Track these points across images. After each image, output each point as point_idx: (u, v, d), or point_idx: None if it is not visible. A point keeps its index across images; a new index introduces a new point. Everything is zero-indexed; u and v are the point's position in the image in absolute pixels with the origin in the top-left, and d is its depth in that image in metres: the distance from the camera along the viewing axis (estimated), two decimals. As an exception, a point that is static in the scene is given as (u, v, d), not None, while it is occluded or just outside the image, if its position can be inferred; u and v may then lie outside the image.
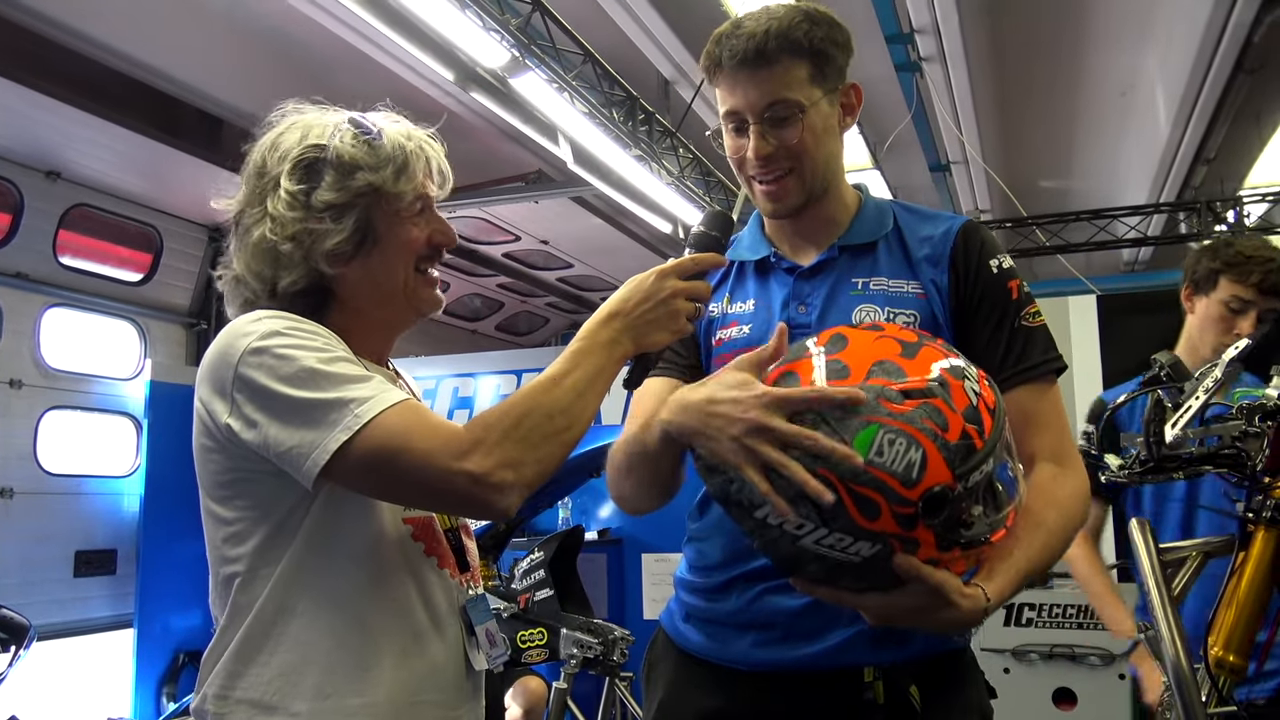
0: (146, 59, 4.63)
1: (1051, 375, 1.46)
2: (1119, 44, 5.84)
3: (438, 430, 1.16)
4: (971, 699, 1.45)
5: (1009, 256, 1.50)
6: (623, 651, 3.58)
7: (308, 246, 1.28)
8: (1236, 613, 1.84)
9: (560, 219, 6.66)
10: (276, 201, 1.28)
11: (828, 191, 1.50)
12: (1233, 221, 6.75)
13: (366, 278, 1.33)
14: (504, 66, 3.73)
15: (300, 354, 1.18)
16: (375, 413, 1.14)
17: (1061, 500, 1.39)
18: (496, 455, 1.14)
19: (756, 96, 1.42)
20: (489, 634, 1.38)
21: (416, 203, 1.35)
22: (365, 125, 1.33)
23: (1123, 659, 3.74)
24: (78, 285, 5.40)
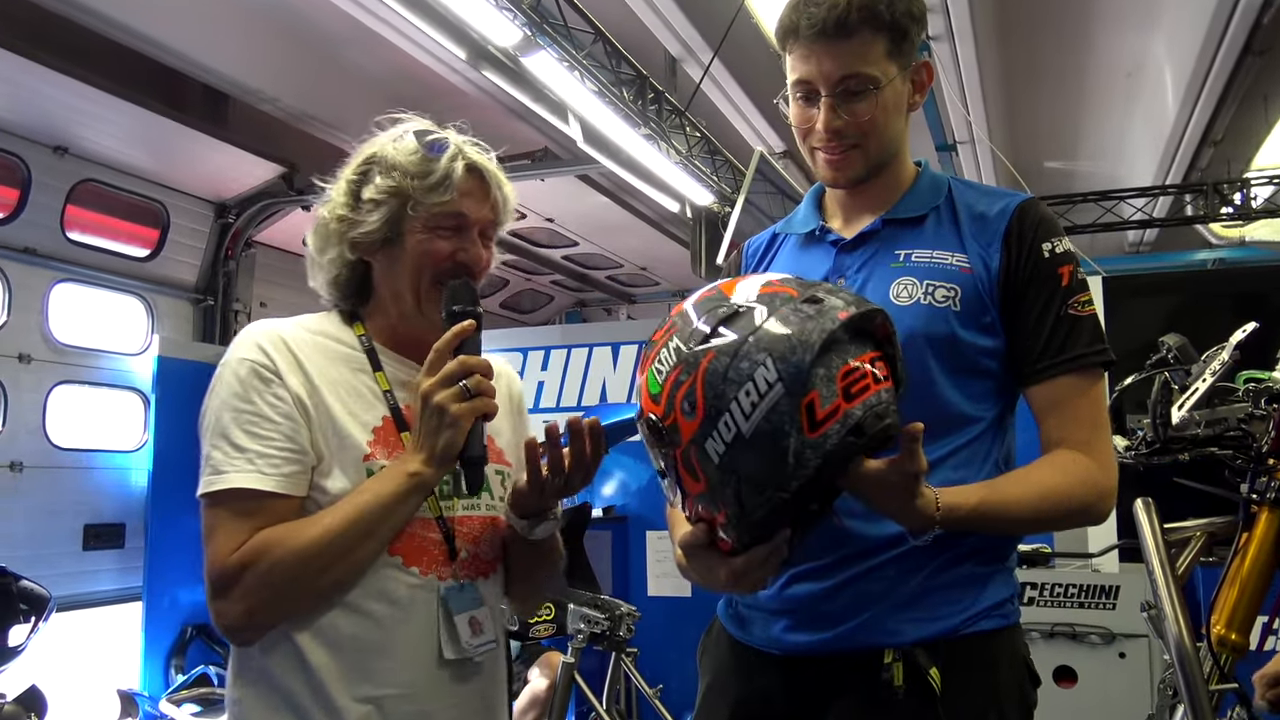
0: (154, 34, 4.62)
1: (1095, 369, 1.39)
2: (1127, 24, 5.82)
3: (221, 547, 1.28)
4: (1001, 683, 1.38)
5: (1067, 240, 1.43)
6: (629, 627, 3.62)
7: (344, 230, 1.43)
8: (1239, 592, 1.88)
9: (566, 197, 6.66)
10: (338, 189, 1.45)
11: (888, 166, 1.48)
12: (1239, 203, 6.75)
13: (387, 271, 1.44)
14: (516, 45, 3.73)
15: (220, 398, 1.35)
16: (219, 488, 1.30)
17: (1068, 469, 1.35)
18: (242, 604, 1.28)
19: (832, 68, 1.38)
20: (473, 622, 1.39)
21: (450, 219, 1.41)
22: (428, 138, 1.43)
23: (1123, 638, 3.78)
24: (85, 260, 5.40)
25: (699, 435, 1.15)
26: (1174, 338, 2.06)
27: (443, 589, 1.39)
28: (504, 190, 1.48)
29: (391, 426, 1.40)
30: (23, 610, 3.07)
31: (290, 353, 1.38)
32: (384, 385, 1.43)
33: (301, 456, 1.33)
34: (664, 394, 1.18)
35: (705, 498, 1.19)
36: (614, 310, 9.82)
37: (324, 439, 1.35)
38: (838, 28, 1.36)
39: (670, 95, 5.08)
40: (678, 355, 1.19)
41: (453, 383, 1.33)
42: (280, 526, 1.30)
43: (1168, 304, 5.94)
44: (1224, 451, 1.94)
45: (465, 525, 1.44)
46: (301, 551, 1.28)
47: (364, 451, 1.36)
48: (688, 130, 5.27)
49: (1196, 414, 1.96)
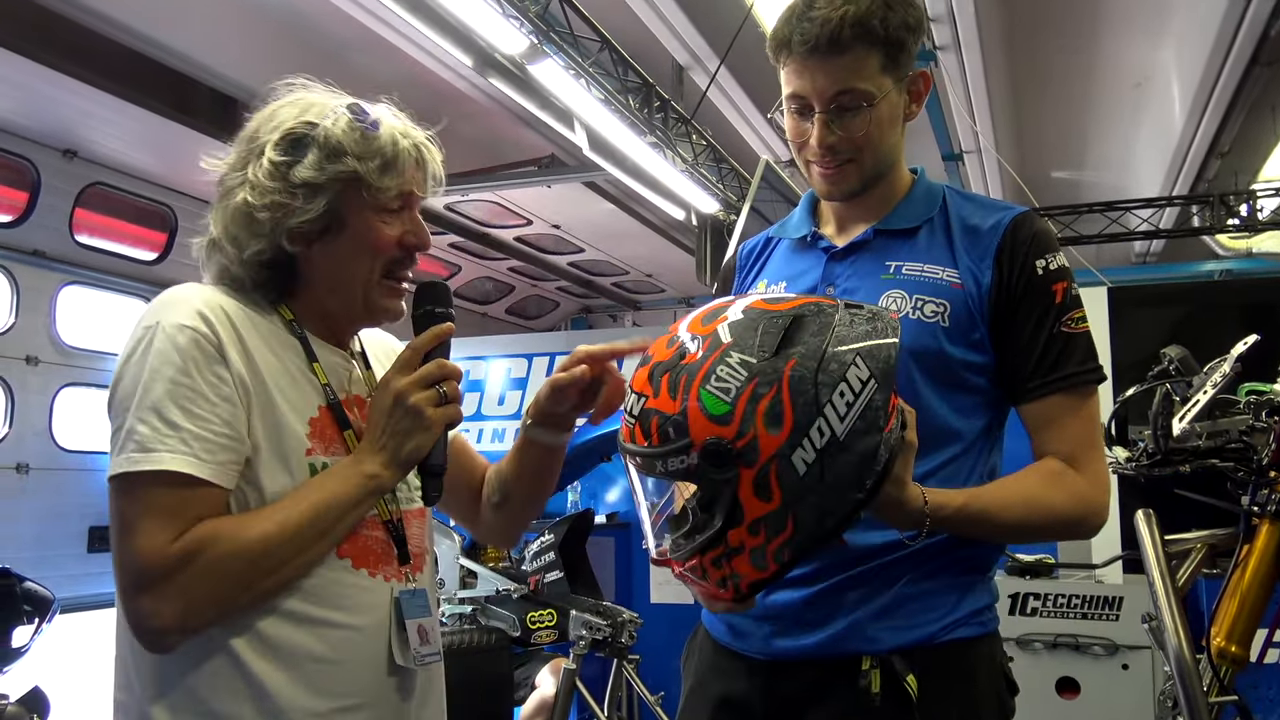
0: (163, 38, 4.65)
1: (1087, 386, 1.39)
2: (1134, 34, 5.82)
3: (152, 537, 1.14)
4: (979, 693, 1.39)
5: (1062, 255, 1.41)
6: (631, 634, 3.62)
7: (277, 219, 1.27)
8: (1239, 604, 1.87)
9: (572, 204, 6.66)
10: (259, 169, 1.28)
11: (884, 176, 1.47)
12: (1245, 215, 6.74)
13: (328, 263, 1.32)
14: (523, 53, 3.74)
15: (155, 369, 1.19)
16: (147, 468, 1.15)
17: (1057, 482, 1.35)
18: (178, 602, 1.13)
19: (825, 84, 1.37)
20: (421, 630, 1.32)
21: (397, 200, 1.32)
22: (364, 113, 1.31)
23: (1126, 649, 3.77)
24: (93, 263, 5.42)
25: (785, 448, 1.11)
26: (1175, 349, 2.06)
27: (397, 591, 1.31)
28: (438, 164, 1.38)
29: (329, 420, 1.29)
30: (26, 611, 3.08)
31: (232, 326, 1.24)
32: (321, 378, 1.31)
33: (238, 445, 1.20)
34: (739, 412, 1.11)
35: (770, 517, 1.13)
36: (619, 317, 9.82)
37: (262, 427, 1.23)
38: (831, 44, 1.35)
39: (676, 103, 5.10)
40: (749, 369, 1.13)
41: (429, 385, 1.26)
42: (226, 519, 1.18)
43: (1174, 315, 5.94)
44: (1225, 463, 1.94)
45: (406, 521, 1.36)
46: (252, 547, 1.16)
47: (305, 445, 1.25)
48: (694, 138, 5.28)
49: (1197, 426, 1.96)
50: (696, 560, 1.19)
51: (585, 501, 5.15)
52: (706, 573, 1.20)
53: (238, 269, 1.30)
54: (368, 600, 1.28)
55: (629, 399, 1.22)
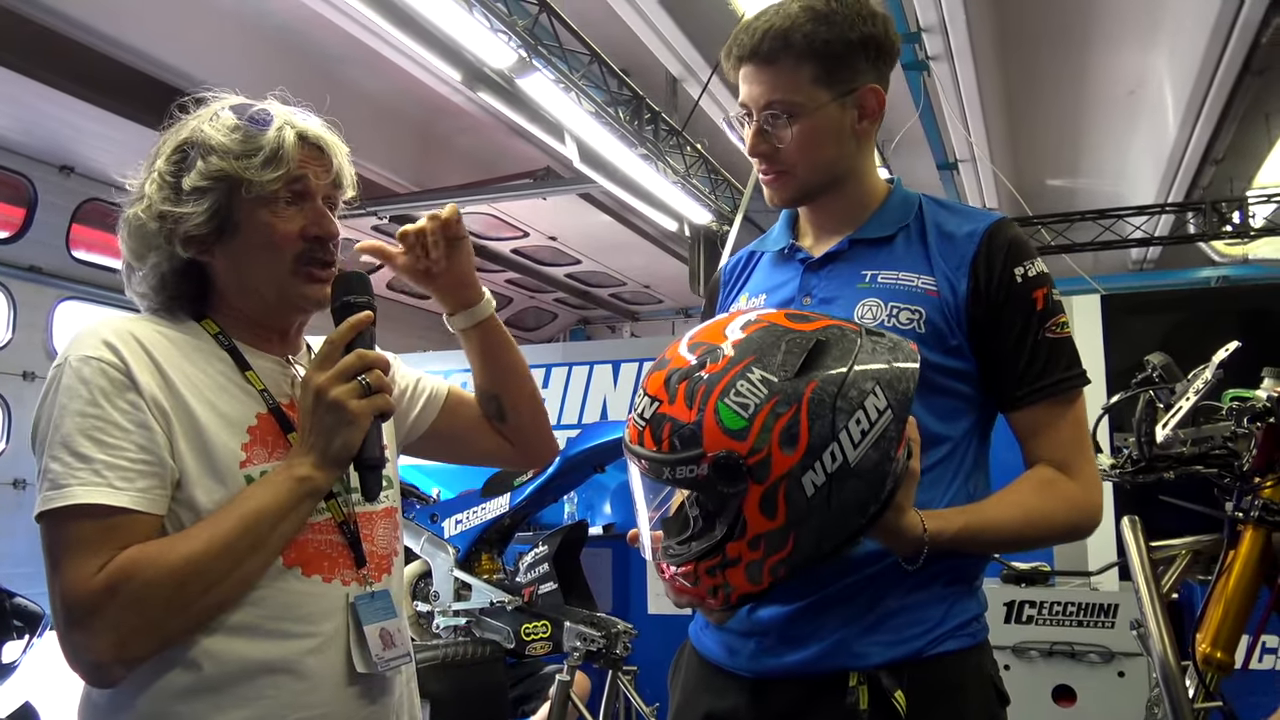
0: (158, 55, 4.68)
1: (1073, 391, 1.39)
2: (1127, 43, 5.84)
3: (76, 572, 1.11)
4: (969, 706, 1.37)
5: (1040, 261, 1.41)
6: (625, 645, 3.61)
7: (169, 228, 1.26)
8: (1224, 610, 1.87)
9: (568, 215, 6.69)
10: (150, 182, 1.27)
11: (840, 187, 1.47)
12: (1239, 222, 6.75)
13: (232, 267, 1.29)
14: (511, 67, 3.76)
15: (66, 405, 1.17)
16: (61, 504, 1.12)
17: (1052, 491, 1.36)
18: (110, 635, 1.10)
19: (758, 94, 1.41)
20: (384, 634, 1.28)
21: (286, 191, 1.27)
22: (249, 111, 1.29)
23: (1122, 656, 3.76)
24: (90, 279, 5.45)
25: (797, 468, 1.12)
26: (1158, 356, 2.06)
27: (352, 596, 1.27)
28: (342, 156, 1.34)
29: (271, 425, 1.26)
30: (16, 627, 3.08)
31: (143, 350, 1.20)
32: (257, 384, 1.28)
33: (158, 469, 1.16)
34: (755, 428, 1.12)
35: (772, 534, 1.15)
36: (618, 328, 9.84)
37: (188, 447, 1.19)
38: (754, 55, 1.39)
39: (668, 115, 5.12)
40: (769, 387, 1.13)
41: (350, 378, 1.21)
42: (150, 544, 1.13)
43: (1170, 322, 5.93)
44: (1209, 469, 1.94)
45: (365, 523, 1.33)
46: (178, 570, 1.12)
47: (239, 457, 1.21)
48: (685, 150, 5.30)
49: (1181, 432, 1.96)
50: (691, 567, 1.20)
51: (581, 513, 5.15)
52: (699, 579, 1.21)
53: (147, 285, 1.30)
54: (322, 608, 1.24)
55: (641, 401, 1.21)
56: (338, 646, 1.25)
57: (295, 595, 1.22)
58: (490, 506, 3.87)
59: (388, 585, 1.34)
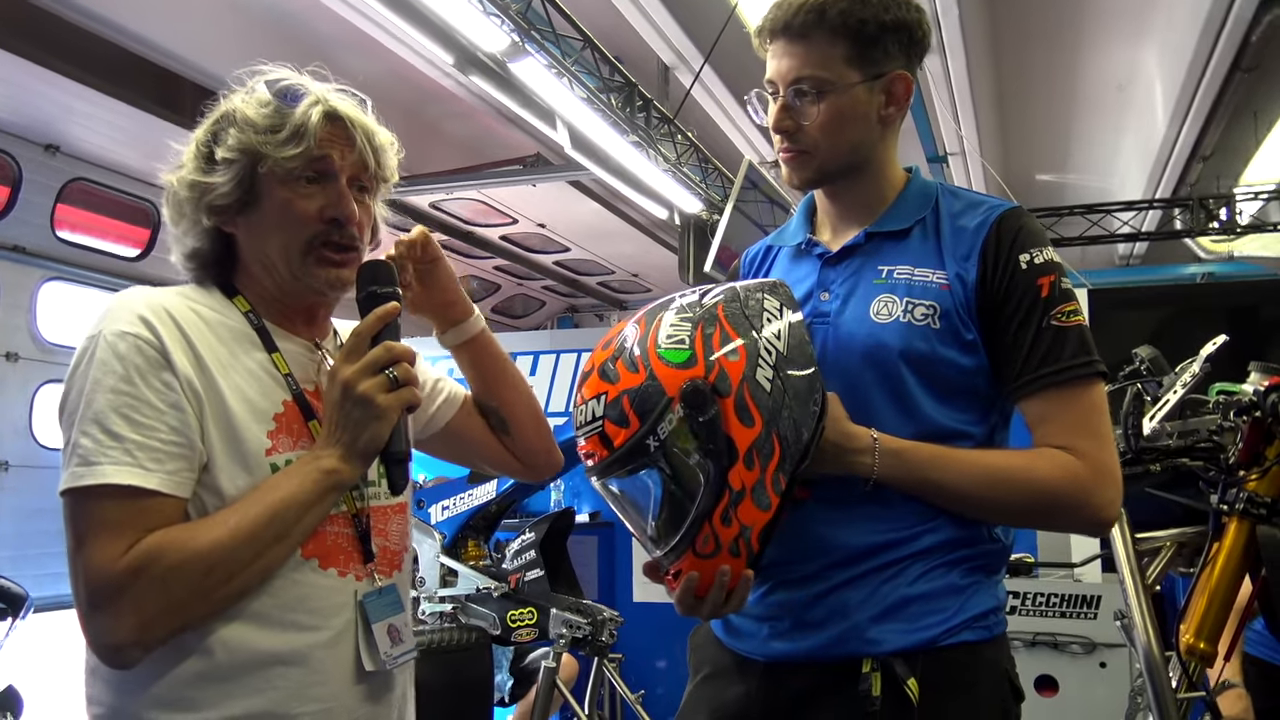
0: (147, 34, 4.64)
1: (1083, 380, 1.34)
2: (1117, 39, 5.86)
3: (102, 552, 1.11)
4: (982, 699, 1.36)
5: (1050, 250, 1.39)
6: (611, 632, 3.62)
7: (196, 197, 1.28)
8: (1208, 601, 1.89)
9: (558, 202, 6.66)
10: (189, 151, 1.30)
11: (860, 174, 1.46)
12: (1226, 218, 6.79)
13: (252, 239, 1.30)
14: (504, 51, 3.73)
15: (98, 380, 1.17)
16: (91, 482, 1.12)
17: (1052, 457, 1.32)
18: (133, 617, 1.10)
19: (787, 68, 1.39)
20: (391, 630, 1.28)
21: (307, 170, 1.27)
22: (280, 86, 1.29)
23: (1104, 647, 3.80)
24: (75, 259, 5.39)
25: (748, 369, 1.23)
26: (1146, 349, 2.08)
27: (361, 593, 1.27)
28: (375, 139, 1.33)
29: (295, 413, 1.26)
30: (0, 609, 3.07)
31: (177, 328, 1.20)
32: (283, 368, 1.28)
33: (188, 452, 1.16)
34: (698, 351, 1.22)
35: (758, 442, 1.22)
36: (606, 316, 9.82)
37: (217, 431, 1.19)
38: (787, 29, 1.38)
39: (660, 103, 5.10)
40: (688, 319, 1.25)
41: (378, 371, 1.21)
42: (176, 528, 1.14)
43: (1156, 317, 5.98)
44: (1195, 462, 1.96)
45: (379, 517, 1.33)
46: (205, 555, 1.12)
47: (265, 445, 1.21)
48: (677, 138, 5.29)
49: (1168, 425, 1.97)
50: (707, 528, 1.22)
51: (568, 500, 5.16)
52: (719, 540, 1.23)
53: (179, 251, 1.33)
54: (335, 602, 1.25)
55: (582, 417, 1.25)
56: (347, 641, 1.26)
57: (310, 588, 1.23)
58: (477, 493, 3.88)
59: (396, 580, 1.34)
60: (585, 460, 1.28)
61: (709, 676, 1.50)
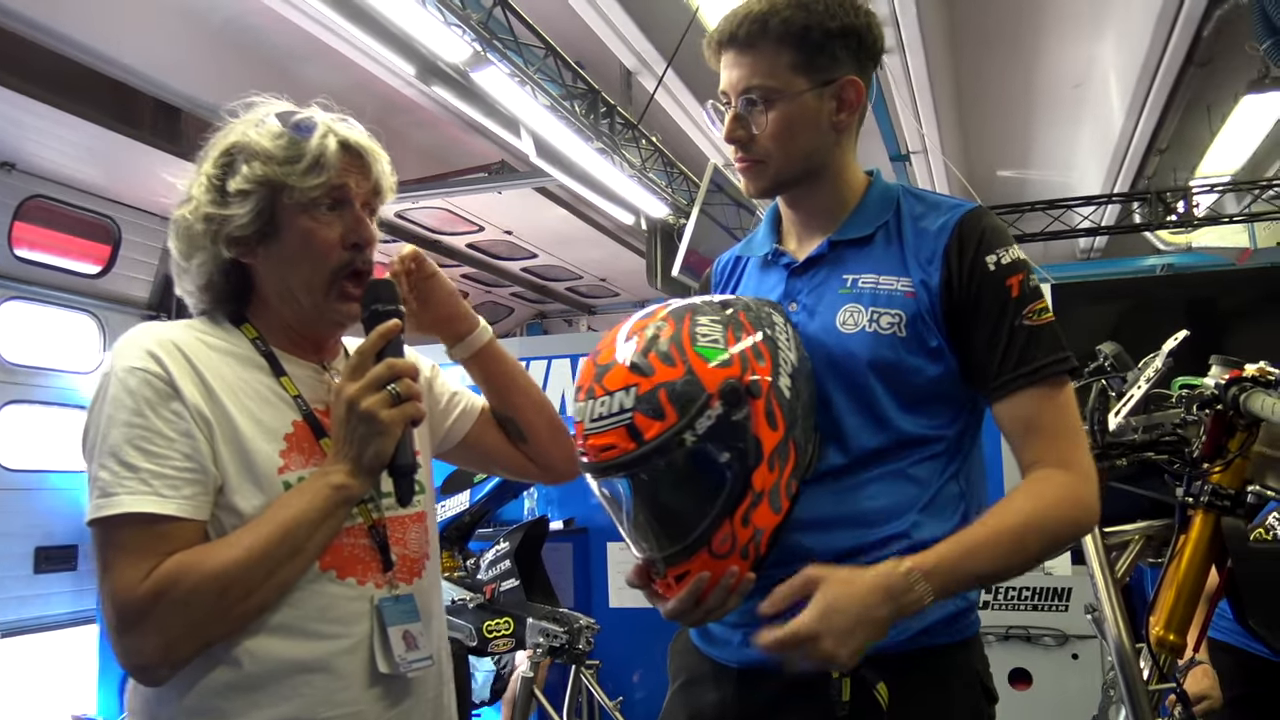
0: (104, 49, 4.57)
1: (1059, 377, 1.33)
2: (1074, 36, 5.95)
3: (125, 578, 1.16)
4: (954, 702, 1.36)
5: (1016, 248, 1.38)
6: (588, 640, 3.61)
7: (215, 229, 1.30)
8: (1176, 593, 1.91)
9: (524, 209, 6.65)
10: (198, 184, 1.32)
11: (818, 181, 1.45)
12: (1183, 211, 6.90)
13: (273, 271, 1.34)
14: (466, 61, 3.73)
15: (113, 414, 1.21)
16: (111, 513, 1.17)
17: (1044, 492, 1.30)
18: (157, 637, 1.16)
19: (735, 78, 1.40)
20: (407, 636, 1.32)
21: (326, 198, 1.31)
22: (293, 119, 1.33)
23: (1076, 639, 3.84)
24: (34, 278, 5.33)
25: (773, 376, 1.26)
26: (1110, 346, 2.10)
27: (378, 599, 1.31)
28: (382, 164, 1.39)
29: (306, 433, 1.31)
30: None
31: (185, 359, 1.25)
32: (292, 390, 1.33)
33: (202, 477, 1.21)
34: (733, 353, 1.25)
35: (779, 446, 1.25)
36: (574, 321, 9.82)
37: (229, 453, 1.24)
38: (732, 39, 1.39)
39: (624, 108, 5.11)
40: (719, 322, 1.28)
41: (380, 387, 1.25)
42: (193, 550, 1.19)
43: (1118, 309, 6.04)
44: (1160, 456, 1.98)
45: (396, 527, 1.37)
46: (221, 575, 1.17)
47: (276, 464, 1.26)
48: (641, 143, 5.30)
49: (1133, 420, 1.99)
50: (727, 527, 1.24)
51: (542, 509, 5.14)
52: (735, 540, 1.24)
53: (194, 283, 1.35)
54: (354, 610, 1.29)
55: (602, 409, 1.22)
56: (368, 647, 1.30)
57: (329, 598, 1.27)
58: (450, 504, 3.86)
59: (416, 589, 1.38)
60: (599, 454, 1.24)
61: (687, 683, 1.50)
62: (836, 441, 1.37)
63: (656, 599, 1.33)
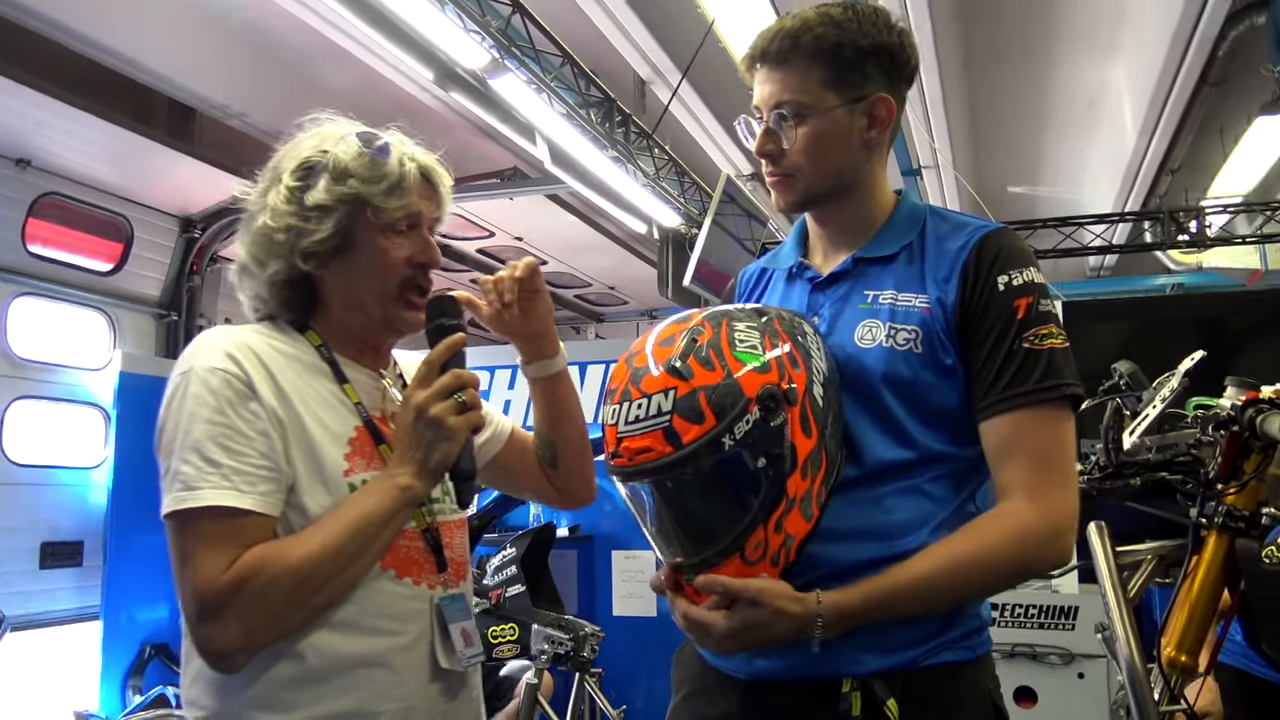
0: (119, 47, 4.60)
1: (1048, 404, 1.31)
2: (1088, 55, 5.95)
3: (206, 569, 1.22)
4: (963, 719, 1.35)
5: (1033, 270, 1.37)
6: (593, 648, 3.61)
7: (293, 240, 1.36)
8: (1188, 614, 1.90)
9: (535, 216, 6.67)
10: (277, 194, 1.38)
11: (847, 197, 1.46)
12: (1195, 231, 6.89)
13: (342, 283, 1.40)
14: (484, 67, 3.75)
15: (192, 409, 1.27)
16: (194, 505, 1.23)
17: (987, 533, 1.31)
18: (237, 626, 1.22)
19: (767, 94, 1.42)
20: (464, 633, 1.39)
21: (404, 221, 1.40)
22: (372, 139, 1.40)
23: (1082, 658, 3.83)
24: (47, 274, 5.34)
25: (809, 383, 1.27)
26: (1125, 364, 2.10)
27: (437, 599, 1.39)
28: (446, 187, 1.48)
29: (367, 438, 1.37)
30: (-23, 629, 3.02)
31: (260, 362, 1.32)
32: (353, 397, 1.39)
33: (277, 475, 1.28)
34: (771, 359, 1.25)
35: (813, 454, 1.26)
36: (583, 329, 9.83)
37: (299, 454, 1.30)
38: (765, 56, 1.41)
39: (638, 118, 5.12)
40: (756, 329, 1.28)
41: (448, 395, 1.31)
42: (271, 544, 1.25)
43: (1127, 328, 6.03)
44: (1174, 476, 1.97)
45: (446, 531, 1.44)
46: (298, 568, 1.24)
47: (342, 467, 1.33)
48: (655, 152, 5.31)
49: (1147, 439, 1.99)
50: (760, 533, 1.25)
51: (548, 515, 5.14)
52: (768, 547, 1.25)
53: (263, 290, 1.41)
54: (411, 609, 1.36)
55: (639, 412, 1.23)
56: (424, 644, 1.37)
57: (390, 596, 1.34)
58: (457, 509, 3.85)
59: (463, 589, 1.45)
60: (634, 457, 1.24)
61: (691, 694, 1.49)
62: (852, 454, 1.37)
63: (679, 603, 1.33)
